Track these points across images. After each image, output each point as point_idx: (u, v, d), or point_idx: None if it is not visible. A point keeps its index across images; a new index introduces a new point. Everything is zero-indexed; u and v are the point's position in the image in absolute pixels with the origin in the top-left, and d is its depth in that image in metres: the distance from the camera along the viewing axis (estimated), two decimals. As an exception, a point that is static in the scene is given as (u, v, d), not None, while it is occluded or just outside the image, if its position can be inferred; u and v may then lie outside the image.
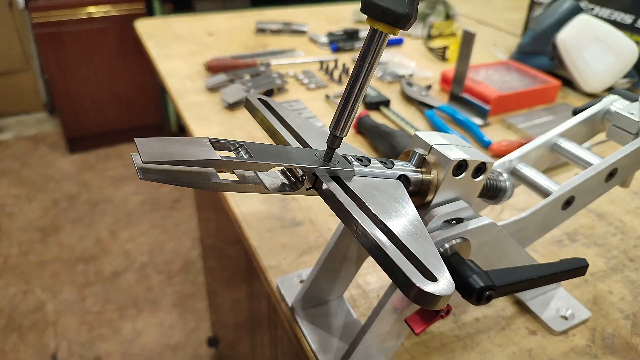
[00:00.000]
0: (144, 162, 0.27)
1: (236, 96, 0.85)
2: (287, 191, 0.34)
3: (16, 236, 2.11)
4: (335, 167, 0.34)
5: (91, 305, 1.82)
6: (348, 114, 0.32)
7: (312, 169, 0.33)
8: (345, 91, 0.32)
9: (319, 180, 0.33)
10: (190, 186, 0.30)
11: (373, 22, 0.30)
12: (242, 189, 0.32)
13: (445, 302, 0.27)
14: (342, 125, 0.33)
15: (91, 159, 2.69)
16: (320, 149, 0.35)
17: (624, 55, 0.93)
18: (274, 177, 0.34)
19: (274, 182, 0.34)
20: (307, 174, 0.34)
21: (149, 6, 2.48)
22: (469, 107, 0.87)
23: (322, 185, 0.33)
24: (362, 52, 0.31)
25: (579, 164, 0.48)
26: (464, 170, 0.36)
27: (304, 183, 0.34)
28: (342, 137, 0.33)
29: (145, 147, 0.28)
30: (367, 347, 0.39)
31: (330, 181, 0.33)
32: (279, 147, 0.34)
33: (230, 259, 1.03)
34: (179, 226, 2.22)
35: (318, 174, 0.33)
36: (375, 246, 0.29)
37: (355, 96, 0.32)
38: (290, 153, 0.34)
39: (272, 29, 1.24)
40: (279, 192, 0.33)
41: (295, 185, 0.34)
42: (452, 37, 1.22)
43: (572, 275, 0.41)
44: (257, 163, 0.31)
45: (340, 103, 0.32)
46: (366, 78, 0.31)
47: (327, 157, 0.34)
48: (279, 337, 0.78)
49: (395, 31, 0.30)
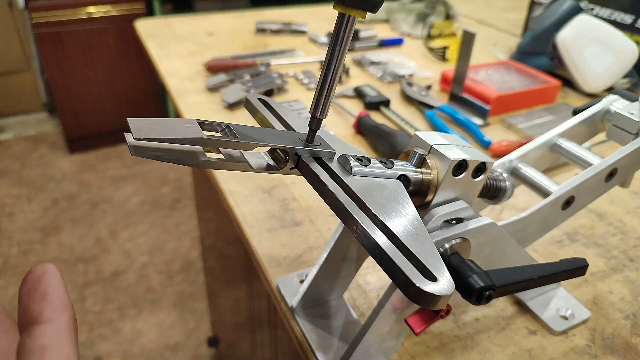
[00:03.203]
0: (135, 139, 0.28)
1: (236, 96, 0.85)
2: (271, 170, 0.36)
3: (16, 236, 2.11)
4: (316, 148, 0.36)
5: (91, 305, 1.82)
6: (326, 97, 0.34)
7: (295, 149, 0.35)
8: (321, 75, 0.34)
9: (302, 160, 0.35)
10: (179, 163, 0.31)
11: (344, 8, 0.31)
12: (229, 167, 0.34)
13: (445, 302, 0.27)
14: (321, 107, 0.35)
15: (91, 159, 2.69)
16: (303, 132, 0.37)
17: (624, 55, 0.93)
18: (259, 158, 0.36)
19: (259, 162, 0.36)
20: (290, 154, 0.35)
21: (149, 6, 2.48)
22: (469, 107, 0.87)
23: (304, 166, 0.35)
24: (334, 37, 0.33)
25: (579, 164, 0.48)
26: (464, 170, 0.36)
27: (288, 163, 0.36)
28: (321, 118, 0.35)
29: (136, 125, 0.29)
30: (367, 347, 0.39)
31: (312, 161, 0.35)
32: (264, 129, 0.36)
33: (230, 259, 1.03)
34: (179, 226, 2.22)
35: (300, 154, 0.35)
36: (375, 246, 0.29)
37: (330, 79, 0.34)
38: (274, 134, 0.35)
39: (272, 29, 1.24)
40: (263, 171, 0.35)
41: (279, 165, 0.36)
42: (452, 37, 1.22)
43: (572, 275, 0.41)
44: (241, 142, 0.32)
45: (318, 86, 0.34)
46: (339, 61, 0.33)
47: (309, 138, 0.36)
48: (279, 337, 0.78)
49: (364, 14, 0.32)
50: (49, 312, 0.22)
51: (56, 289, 0.23)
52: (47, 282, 0.23)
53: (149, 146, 0.30)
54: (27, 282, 0.23)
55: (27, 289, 0.23)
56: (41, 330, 0.21)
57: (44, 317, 0.22)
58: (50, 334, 0.21)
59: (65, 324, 0.22)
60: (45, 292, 0.22)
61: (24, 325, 0.22)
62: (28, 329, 0.21)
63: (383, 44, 1.19)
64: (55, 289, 0.23)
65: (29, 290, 0.22)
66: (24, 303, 0.22)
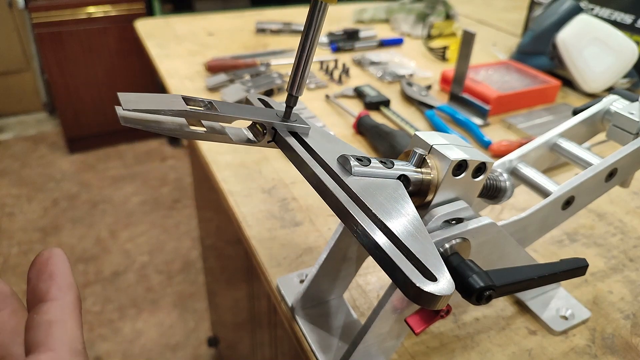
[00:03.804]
0: (124, 109, 0.31)
1: (236, 96, 0.85)
2: (250, 143, 0.38)
3: (16, 236, 2.11)
4: (293, 123, 0.38)
5: (91, 305, 1.82)
6: (301, 76, 0.37)
7: (272, 123, 0.38)
8: (297, 56, 0.37)
9: (278, 134, 0.38)
10: (166, 134, 0.34)
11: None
12: (211, 139, 0.37)
13: (445, 302, 0.27)
14: (297, 85, 0.37)
15: (91, 159, 2.69)
16: (281, 110, 0.39)
17: (624, 55, 0.93)
18: (239, 132, 0.39)
19: (239, 135, 0.38)
20: (267, 128, 0.38)
21: (149, 6, 2.48)
22: (469, 107, 0.87)
23: (281, 139, 0.38)
24: (308, 22, 0.35)
25: (579, 164, 0.48)
26: (464, 170, 0.36)
27: (265, 137, 0.38)
28: (297, 96, 0.38)
29: (126, 98, 0.32)
30: (367, 347, 0.39)
31: (288, 135, 0.38)
32: (244, 106, 0.39)
33: (230, 259, 1.03)
34: (179, 226, 2.22)
35: (277, 128, 0.38)
36: (375, 246, 0.29)
37: (305, 60, 0.37)
38: (253, 110, 0.38)
39: (272, 29, 1.24)
40: (243, 143, 0.38)
41: (257, 138, 0.39)
42: (452, 37, 1.22)
43: (572, 275, 0.41)
44: (221, 115, 0.35)
45: (293, 67, 0.37)
46: (313, 44, 0.36)
47: (286, 115, 0.39)
48: (279, 337, 0.78)
49: (335, 1, 0.35)
50: (55, 291, 0.23)
51: (63, 271, 0.24)
52: (54, 264, 0.24)
53: (137, 117, 0.32)
54: (35, 264, 0.24)
55: (35, 271, 0.24)
56: (48, 307, 0.22)
57: (50, 295, 0.23)
58: (56, 310, 0.22)
59: (70, 302, 0.23)
60: (53, 273, 0.24)
61: (32, 304, 0.23)
62: (36, 307, 0.23)
63: (383, 44, 1.19)
64: (61, 270, 0.24)
65: (37, 272, 0.24)
66: (32, 283, 0.24)
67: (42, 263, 0.24)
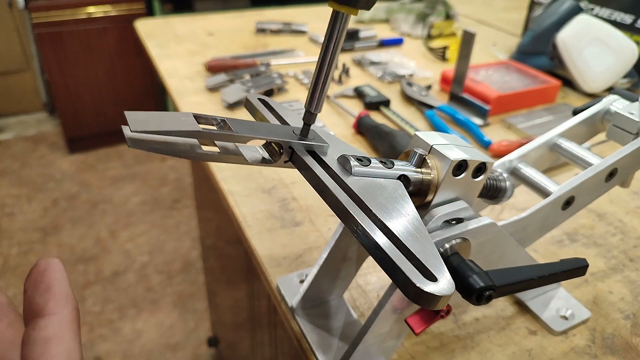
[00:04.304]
0: (132, 131, 0.29)
1: (236, 96, 0.85)
2: (265, 163, 0.36)
3: (16, 236, 2.11)
4: (311, 142, 0.36)
5: (91, 305, 1.82)
6: (320, 92, 0.35)
7: (289, 142, 0.35)
8: (315, 71, 0.34)
9: (296, 153, 0.36)
10: (176, 155, 0.32)
11: (337, 5, 0.32)
12: (224, 160, 0.34)
13: (445, 302, 0.27)
14: (316, 102, 0.35)
15: (91, 159, 2.69)
16: (298, 126, 0.37)
17: (624, 55, 0.93)
18: (254, 151, 0.36)
19: (254, 155, 0.36)
20: (284, 147, 0.36)
21: (149, 6, 2.48)
22: (469, 107, 0.87)
23: (298, 159, 0.35)
24: (328, 34, 0.33)
25: (579, 164, 0.48)
26: (464, 170, 0.36)
27: (282, 156, 0.36)
28: (316, 113, 0.35)
29: (134, 118, 0.30)
30: (367, 347, 0.39)
31: (305, 155, 0.36)
32: (259, 123, 0.36)
33: (230, 259, 1.03)
34: (179, 226, 2.22)
35: (294, 147, 0.36)
36: (375, 246, 0.29)
37: (325, 75, 0.34)
38: (268, 128, 0.36)
39: (272, 29, 1.24)
40: (258, 164, 0.36)
41: (273, 158, 0.36)
42: (452, 37, 1.22)
43: (572, 275, 0.41)
44: (236, 135, 0.33)
45: (312, 81, 0.35)
46: (333, 57, 0.34)
47: (304, 132, 0.36)
48: (279, 337, 0.78)
49: (356, 12, 0.32)
50: (52, 305, 0.23)
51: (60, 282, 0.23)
52: (51, 276, 0.23)
53: (146, 139, 0.30)
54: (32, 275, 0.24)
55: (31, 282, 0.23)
56: (45, 323, 0.22)
57: (47, 309, 0.22)
58: (53, 326, 0.22)
59: (68, 316, 0.23)
60: (50, 285, 0.23)
61: (29, 317, 0.23)
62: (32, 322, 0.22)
63: (383, 44, 1.19)
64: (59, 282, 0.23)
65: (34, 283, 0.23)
66: (28, 295, 0.23)
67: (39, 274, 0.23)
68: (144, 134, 0.30)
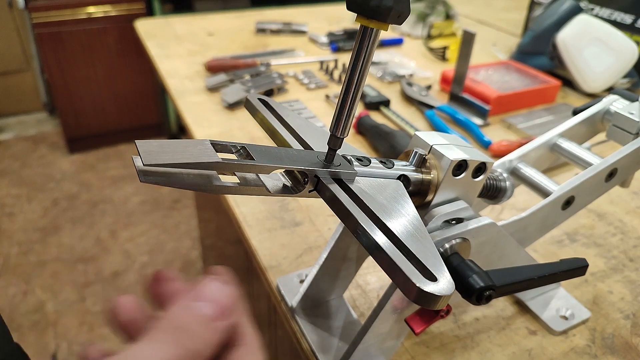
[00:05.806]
0: (145, 164, 0.26)
1: (236, 96, 0.85)
2: (288, 193, 0.33)
3: (16, 236, 2.11)
4: (337, 169, 0.33)
5: (91, 305, 1.82)
6: (347, 115, 0.32)
7: (314, 171, 0.32)
8: (342, 92, 0.31)
9: (321, 182, 0.33)
10: (192, 189, 0.29)
11: (366, 21, 0.29)
12: (244, 192, 0.31)
13: (445, 302, 0.27)
14: (342, 126, 0.32)
15: (91, 159, 2.69)
16: (321, 151, 0.34)
17: (624, 55, 0.93)
18: (276, 180, 0.34)
19: (276, 185, 0.33)
20: (309, 176, 0.33)
21: (149, 6, 2.47)
22: (469, 107, 0.87)
23: (324, 188, 0.33)
24: (356, 51, 0.30)
25: (579, 164, 0.48)
26: (464, 170, 0.36)
27: (306, 185, 0.33)
28: (342, 137, 0.33)
29: (146, 149, 0.27)
30: (367, 347, 0.39)
31: (332, 183, 0.33)
32: (281, 150, 0.33)
33: (230, 259, 1.03)
34: (179, 226, 2.22)
35: (320, 176, 0.33)
36: (376, 246, 0.29)
37: (352, 95, 0.31)
38: (291, 155, 0.33)
39: (272, 29, 1.24)
40: (281, 194, 0.33)
41: (297, 188, 0.33)
42: (452, 37, 1.22)
43: (572, 275, 0.41)
44: (259, 165, 0.30)
45: (338, 104, 0.32)
46: (362, 77, 0.31)
47: (329, 158, 0.33)
48: (279, 337, 0.78)
49: (386, 26, 0.29)
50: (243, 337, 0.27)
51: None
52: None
53: (159, 171, 0.28)
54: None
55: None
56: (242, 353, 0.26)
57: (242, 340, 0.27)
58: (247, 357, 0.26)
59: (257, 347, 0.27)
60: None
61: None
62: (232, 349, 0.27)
63: (383, 44, 1.19)
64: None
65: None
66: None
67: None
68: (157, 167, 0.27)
